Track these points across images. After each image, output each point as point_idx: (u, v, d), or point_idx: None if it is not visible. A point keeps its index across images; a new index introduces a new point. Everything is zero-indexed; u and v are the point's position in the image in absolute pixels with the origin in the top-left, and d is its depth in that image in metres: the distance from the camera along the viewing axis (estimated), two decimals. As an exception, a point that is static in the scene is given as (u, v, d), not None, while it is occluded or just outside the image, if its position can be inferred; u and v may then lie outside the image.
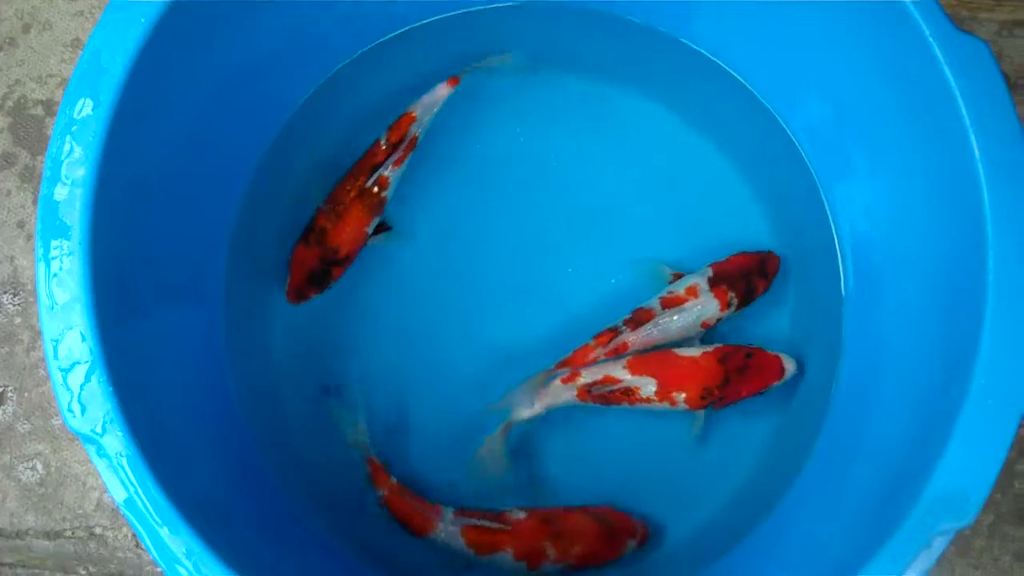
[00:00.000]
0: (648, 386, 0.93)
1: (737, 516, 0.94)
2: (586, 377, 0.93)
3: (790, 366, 0.94)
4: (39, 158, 1.07)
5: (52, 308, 0.70)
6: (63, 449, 1.04)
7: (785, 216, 1.00)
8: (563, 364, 0.94)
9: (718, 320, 0.95)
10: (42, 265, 0.71)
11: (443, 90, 0.97)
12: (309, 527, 0.91)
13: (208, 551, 0.68)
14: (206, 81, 0.85)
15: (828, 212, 0.97)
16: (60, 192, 0.71)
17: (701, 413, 0.94)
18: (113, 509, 1.02)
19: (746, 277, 0.95)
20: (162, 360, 0.81)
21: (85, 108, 0.72)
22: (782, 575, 0.82)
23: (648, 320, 0.94)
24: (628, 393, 0.93)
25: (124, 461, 0.69)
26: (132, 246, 0.78)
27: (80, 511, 1.03)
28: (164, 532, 0.68)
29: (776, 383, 0.93)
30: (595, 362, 0.94)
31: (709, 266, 0.96)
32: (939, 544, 0.69)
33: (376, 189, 0.96)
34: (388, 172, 0.96)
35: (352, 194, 0.95)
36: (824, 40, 0.86)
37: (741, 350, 0.94)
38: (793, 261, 0.99)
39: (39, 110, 1.09)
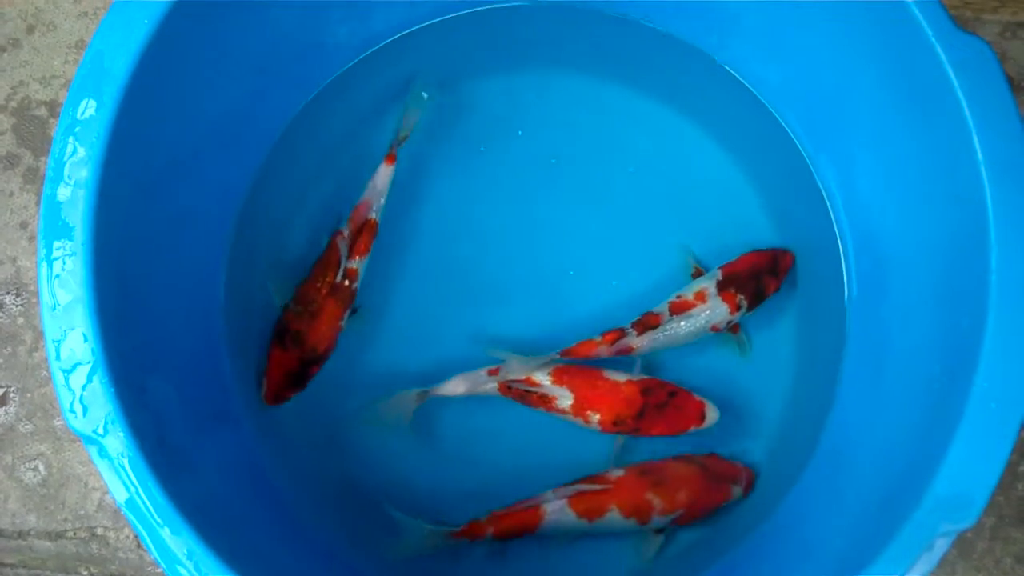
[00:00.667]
0: (565, 398, 0.93)
1: (739, 517, 0.94)
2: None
3: (712, 415, 0.93)
4: (42, 159, 1.07)
5: (54, 309, 0.70)
6: (65, 450, 1.04)
7: (787, 215, 1.00)
8: (565, 353, 0.94)
9: (728, 323, 0.95)
10: (44, 266, 0.71)
11: (385, 171, 0.97)
12: (310, 528, 0.91)
13: (209, 552, 0.68)
14: (209, 82, 0.85)
15: (830, 211, 0.96)
16: (63, 193, 0.71)
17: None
18: (115, 510, 1.02)
19: (756, 278, 0.95)
20: (164, 361, 0.81)
21: (88, 109, 0.72)
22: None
23: (656, 325, 0.94)
24: (544, 400, 0.93)
25: (125, 462, 0.69)
26: (134, 247, 0.78)
27: (82, 512, 1.03)
28: (165, 533, 0.68)
29: (693, 428, 0.93)
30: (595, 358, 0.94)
31: (719, 268, 0.96)
32: (941, 545, 0.69)
33: (347, 283, 0.95)
34: (355, 264, 0.95)
35: (323, 292, 0.95)
36: (826, 39, 0.86)
37: (666, 387, 0.94)
38: (796, 260, 0.99)
39: (43, 111, 1.09)
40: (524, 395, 0.94)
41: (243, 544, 0.74)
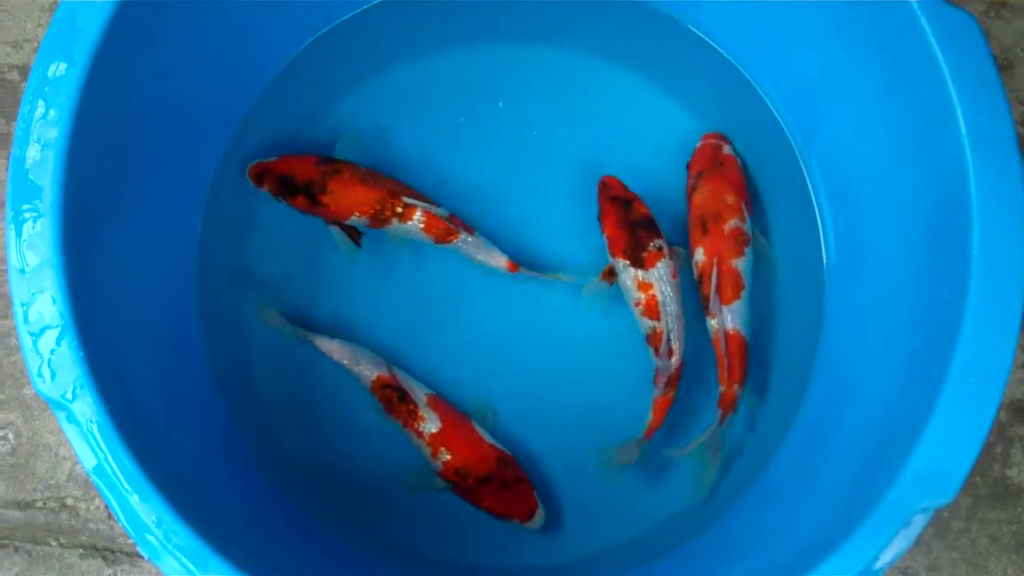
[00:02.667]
0: (431, 424, 0.92)
1: (715, 493, 0.93)
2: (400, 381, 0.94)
3: (537, 520, 0.91)
4: (14, 124, 1.05)
5: (23, 271, 0.69)
6: (35, 419, 1.03)
7: (766, 185, 0.99)
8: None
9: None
10: (12, 228, 0.70)
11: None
12: (281, 498, 0.91)
13: (178, 520, 0.67)
14: (183, 43, 0.84)
15: (808, 183, 0.96)
16: (31, 153, 0.70)
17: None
18: (85, 480, 1.01)
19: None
20: (134, 326, 0.80)
21: (58, 68, 0.71)
22: (761, 552, 0.81)
23: (660, 343, 0.92)
24: (412, 415, 0.92)
25: (94, 427, 0.68)
26: (105, 210, 0.77)
27: (52, 481, 1.02)
28: (134, 500, 0.67)
29: (516, 520, 0.91)
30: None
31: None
32: (919, 522, 0.68)
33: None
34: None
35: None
36: (808, 10, 0.86)
37: (518, 471, 0.92)
38: (776, 235, 0.98)
39: (14, 75, 1.08)
40: (392, 403, 0.92)
41: (213, 513, 0.73)
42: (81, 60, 0.71)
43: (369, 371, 0.93)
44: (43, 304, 0.69)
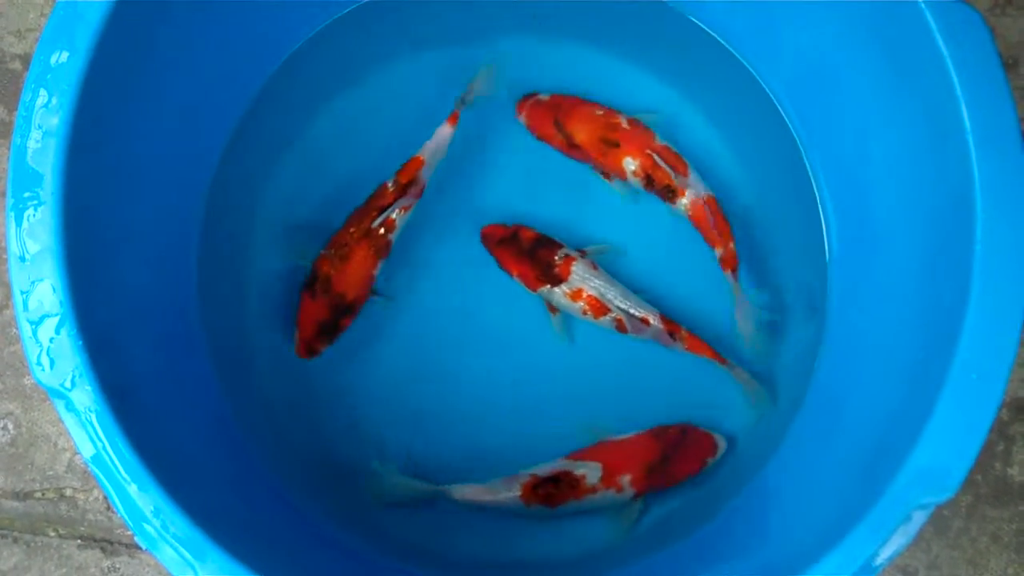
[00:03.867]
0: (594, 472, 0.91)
1: (717, 486, 0.93)
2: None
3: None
4: (16, 113, 1.05)
5: (23, 259, 0.69)
6: (34, 409, 1.02)
7: (768, 182, 0.99)
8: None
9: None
10: (12, 215, 0.69)
11: (446, 130, 0.95)
12: (279, 488, 0.91)
13: (176, 509, 0.67)
14: (185, 32, 0.83)
15: (811, 178, 0.96)
16: (33, 141, 0.70)
17: (636, 506, 0.92)
18: (84, 471, 1.01)
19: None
20: (134, 315, 0.80)
21: (60, 56, 0.71)
22: (761, 547, 0.81)
23: (627, 324, 0.94)
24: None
25: (93, 416, 0.68)
26: (106, 198, 0.77)
27: (51, 472, 1.02)
28: (132, 489, 0.67)
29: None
30: None
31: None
32: (918, 518, 0.68)
33: (382, 231, 0.93)
34: (396, 216, 0.93)
35: (356, 235, 0.93)
36: (813, 3, 0.86)
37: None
38: (777, 230, 0.98)
39: (17, 64, 1.08)
40: (552, 496, 0.91)
41: (211, 503, 0.73)
42: (83, 48, 0.71)
43: (512, 491, 0.91)
44: (43, 292, 0.69)
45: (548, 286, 0.94)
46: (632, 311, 0.93)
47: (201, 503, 0.69)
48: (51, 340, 0.69)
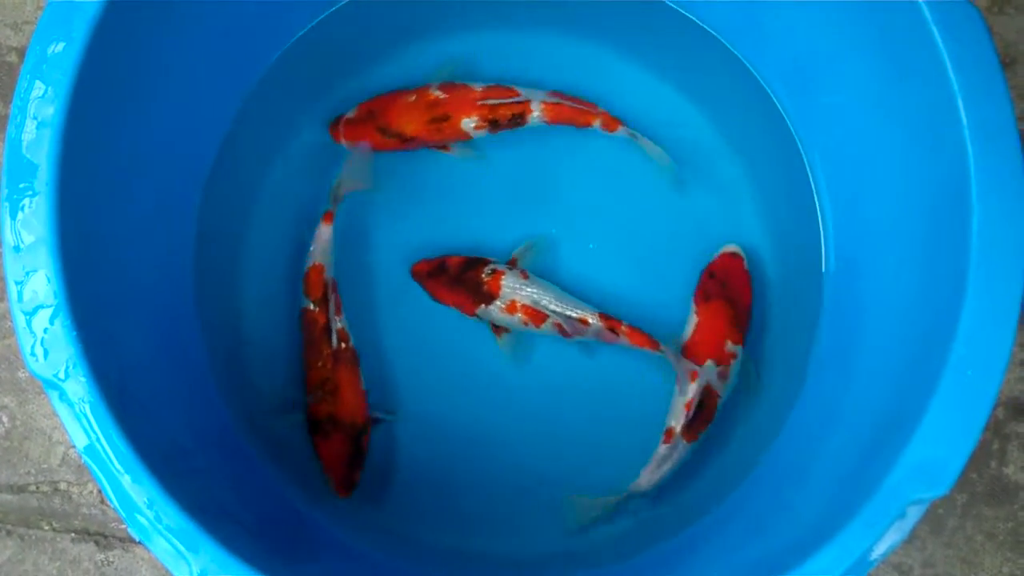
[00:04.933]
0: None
1: (711, 482, 0.93)
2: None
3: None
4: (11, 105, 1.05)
5: (17, 249, 0.69)
6: (29, 402, 1.02)
7: (766, 179, 0.99)
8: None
9: None
10: (7, 206, 0.69)
11: (325, 231, 0.95)
12: (272, 481, 0.91)
13: (170, 501, 0.67)
14: (181, 24, 0.83)
15: (809, 174, 0.96)
16: (28, 131, 0.70)
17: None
18: (78, 465, 1.01)
19: None
20: (128, 307, 0.80)
21: (56, 47, 0.71)
22: (755, 542, 0.81)
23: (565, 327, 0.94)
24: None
25: (87, 407, 0.68)
26: (101, 189, 0.76)
27: (45, 465, 1.02)
28: (126, 480, 0.67)
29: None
30: None
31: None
32: (913, 514, 0.68)
33: (343, 345, 0.94)
34: (340, 323, 0.94)
35: (329, 365, 0.93)
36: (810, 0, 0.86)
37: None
38: (776, 227, 0.98)
39: (13, 57, 1.07)
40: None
41: (204, 495, 0.73)
42: (79, 39, 0.71)
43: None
44: (37, 283, 0.69)
45: (483, 306, 0.94)
46: (569, 313, 0.93)
47: (195, 495, 0.69)
48: (45, 330, 0.68)
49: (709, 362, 0.92)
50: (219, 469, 0.86)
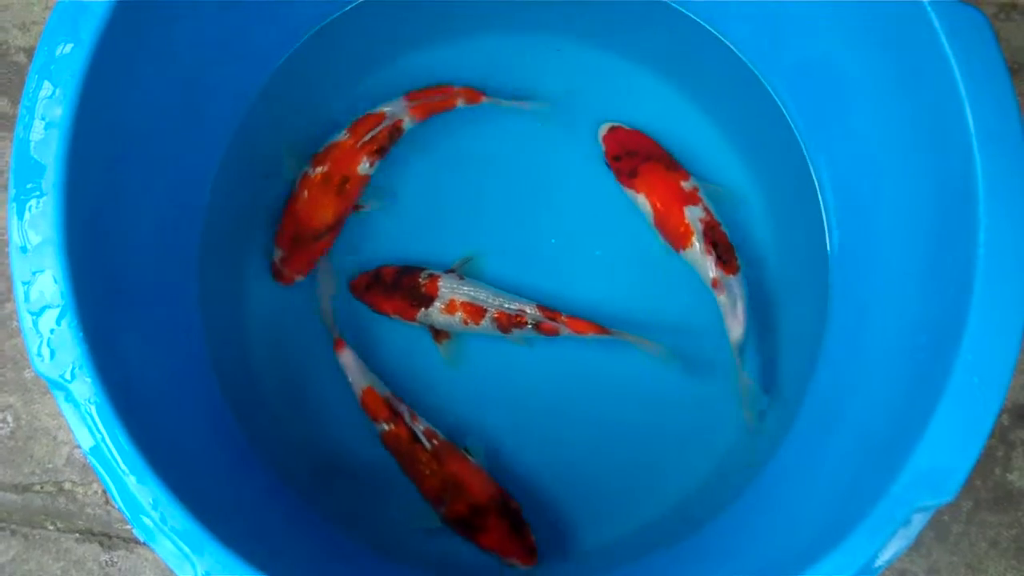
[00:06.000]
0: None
1: (717, 488, 0.93)
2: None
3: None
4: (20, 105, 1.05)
5: (24, 250, 0.69)
6: (34, 402, 1.02)
7: (771, 182, 0.99)
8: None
9: None
10: (14, 206, 0.69)
11: (348, 356, 0.95)
12: (278, 483, 0.91)
13: (175, 502, 0.67)
14: (190, 26, 0.83)
15: (813, 176, 0.96)
16: (36, 131, 0.70)
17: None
18: (83, 464, 1.01)
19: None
20: (135, 308, 0.80)
21: (65, 47, 0.71)
22: (760, 548, 0.81)
23: (507, 319, 0.94)
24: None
25: (92, 408, 0.68)
26: (108, 190, 0.76)
27: (49, 465, 1.02)
28: (131, 481, 0.67)
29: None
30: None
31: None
32: (918, 521, 0.68)
33: (435, 442, 0.93)
34: (422, 425, 0.93)
35: (436, 468, 0.92)
36: (818, 3, 0.85)
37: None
38: (779, 228, 0.98)
39: (21, 57, 1.08)
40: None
41: (209, 496, 0.73)
42: (87, 40, 0.71)
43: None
44: (44, 283, 0.69)
45: (422, 309, 0.94)
46: (507, 306, 0.93)
47: (200, 496, 0.69)
48: (51, 331, 0.68)
49: (686, 210, 0.94)
50: (224, 471, 0.86)
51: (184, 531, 0.67)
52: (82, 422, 0.68)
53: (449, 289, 0.94)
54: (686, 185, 0.95)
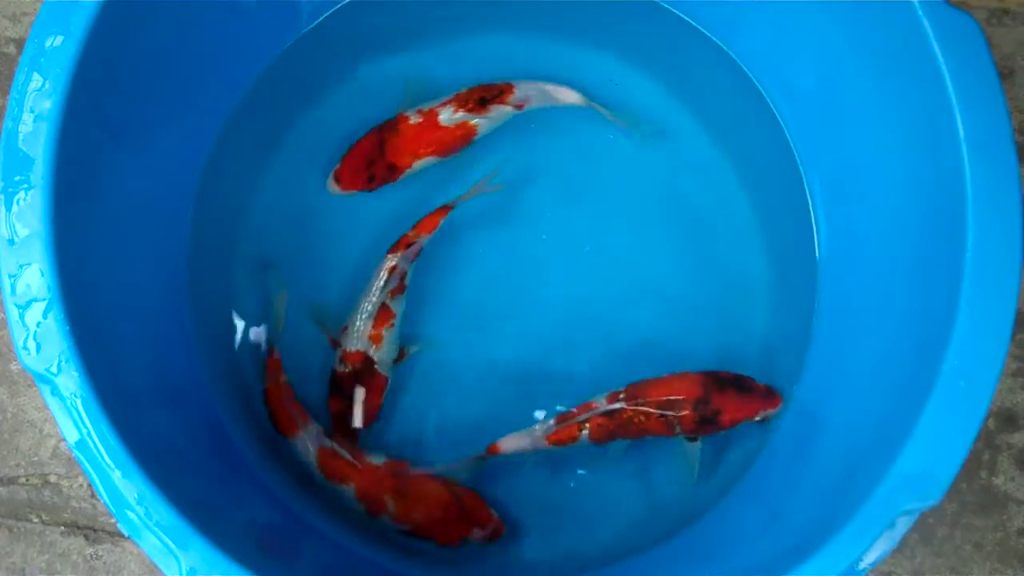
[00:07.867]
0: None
1: (700, 490, 0.93)
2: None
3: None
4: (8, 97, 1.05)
5: (11, 242, 0.69)
6: (20, 395, 1.02)
7: (760, 185, 0.99)
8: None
9: None
10: (2, 198, 0.69)
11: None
12: (263, 479, 0.90)
13: (160, 497, 0.67)
14: (180, 21, 0.83)
15: (804, 180, 0.96)
16: (24, 123, 0.70)
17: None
18: (69, 458, 1.01)
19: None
20: (122, 302, 0.80)
21: (55, 39, 0.71)
22: (745, 549, 0.81)
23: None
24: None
25: (78, 402, 0.68)
26: (97, 184, 0.76)
27: (35, 458, 1.01)
28: (116, 476, 0.67)
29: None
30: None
31: None
32: (903, 524, 0.68)
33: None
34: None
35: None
36: (809, 8, 0.86)
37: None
38: (769, 230, 0.98)
39: (11, 48, 1.07)
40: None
41: (195, 492, 0.73)
42: (78, 33, 0.71)
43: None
44: (31, 276, 0.69)
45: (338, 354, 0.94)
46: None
47: (185, 492, 0.69)
48: (38, 324, 0.68)
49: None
50: (210, 466, 0.85)
51: (169, 526, 0.67)
52: (68, 416, 0.68)
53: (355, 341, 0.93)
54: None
